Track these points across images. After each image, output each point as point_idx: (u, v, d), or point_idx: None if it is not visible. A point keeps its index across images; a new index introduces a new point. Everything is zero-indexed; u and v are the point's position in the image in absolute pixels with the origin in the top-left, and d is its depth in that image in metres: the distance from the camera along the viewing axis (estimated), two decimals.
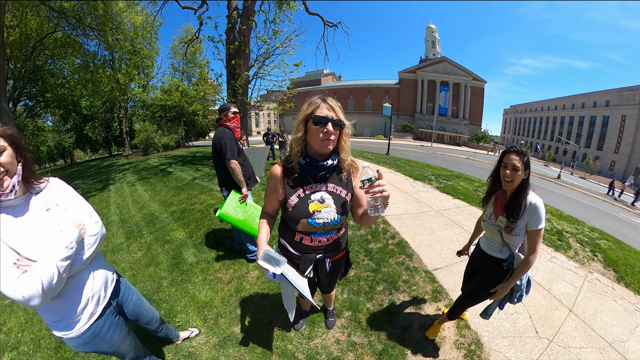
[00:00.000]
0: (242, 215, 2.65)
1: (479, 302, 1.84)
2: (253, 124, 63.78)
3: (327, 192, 1.30)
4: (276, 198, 1.36)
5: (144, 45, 15.89)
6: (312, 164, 1.24)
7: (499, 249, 1.68)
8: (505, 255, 1.66)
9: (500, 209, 1.61)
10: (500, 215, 1.60)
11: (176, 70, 21.42)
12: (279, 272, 1.23)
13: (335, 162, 1.27)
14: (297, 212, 1.28)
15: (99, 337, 1.19)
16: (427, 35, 62.58)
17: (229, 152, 2.55)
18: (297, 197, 1.28)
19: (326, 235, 1.37)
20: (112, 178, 9.20)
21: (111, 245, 3.78)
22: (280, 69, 8.27)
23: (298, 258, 1.43)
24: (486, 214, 1.72)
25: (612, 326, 2.39)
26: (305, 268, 1.41)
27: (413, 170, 8.53)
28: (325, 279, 1.58)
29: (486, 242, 1.78)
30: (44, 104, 18.39)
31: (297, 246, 1.42)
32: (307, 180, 1.29)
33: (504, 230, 1.57)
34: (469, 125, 54.60)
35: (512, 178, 1.48)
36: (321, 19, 9.61)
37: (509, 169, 1.48)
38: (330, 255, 1.49)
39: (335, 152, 1.29)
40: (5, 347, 2.12)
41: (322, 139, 1.18)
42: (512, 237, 1.56)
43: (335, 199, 1.30)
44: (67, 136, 23.65)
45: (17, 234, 0.96)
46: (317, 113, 1.18)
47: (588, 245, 4.00)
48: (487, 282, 1.74)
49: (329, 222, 1.30)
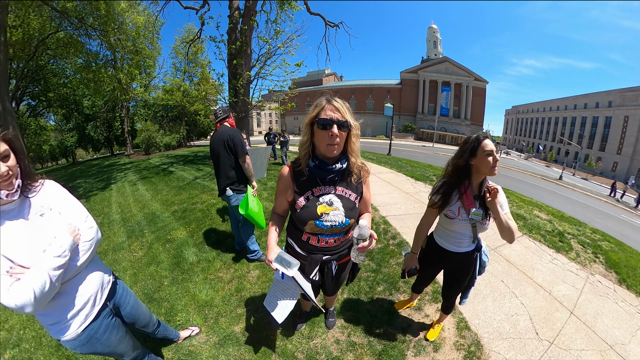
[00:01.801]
0: (257, 208, 2.62)
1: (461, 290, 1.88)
2: (254, 124, 63.86)
3: (336, 195, 1.30)
4: (285, 199, 1.37)
5: (145, 45, 15.91)
6: (320, 166, 1.23)
7: (469, 243, 1.63)
8: (474, 246, 1.65)
9: (471, 201, 1.52)
10: (472, 207, 1.51)
11: (178, 70, 21.46)
12: (291, 274, 1.24)
13: (344, 166, 1.25)
14: (305, 214, 1.28)
15: (95, 339, 1.18)
16: (429, 36, 62.43)
17: (244, 147, 2.59)
18: (305, 199, 1.28)
19: (333, 237, 1.36)
20: (114, 177, 9.24)
21: (112, 244, 3.79)
22: (282, 69, 8.30)
23: (304, 258, 1.43)
24: (451, 211, 1.57)
25: (613, 328, 2.37)
26: (311, 270, 1.41)
27: (414, 171, 8.52)
28: (331, 281, 1.55)
29: (452, 240, 1.66)
30: (47, 103, 18.49)
31: (304, 246, 1.42)
32: (316, 183, 1.29)
33: (481, 222, 1.51)
34: (470, 126, 54.40)
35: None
36: (322, 19, 9.61)
37: (494, 154, 1.41)
38: (337, 258, 1.47)
39: (344, 154, 1.26)
40: (6, 345, 2.13)
41: (327, 143, 1.15)
42: (486, 226, 1.53)
43: (343, 202, 1.30)
44: (69, 135, 23.79)
45: (11, 241, 0.95)
46: (322, 115, 1.14)
47: (590, 246, 3.98)
48: (465, 274, 1.76)
49: (336, 224, 1.30)
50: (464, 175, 1.53)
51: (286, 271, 1.24)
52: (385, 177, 7.39)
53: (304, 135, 1.24)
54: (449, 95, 54.15)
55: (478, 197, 1.52)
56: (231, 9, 7.67)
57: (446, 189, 1.57)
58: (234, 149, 2.58)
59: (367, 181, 1.41)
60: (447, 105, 54.60)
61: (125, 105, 20.61)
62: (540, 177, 23.99)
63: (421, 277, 2.03)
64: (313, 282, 1.47)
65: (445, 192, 1.57)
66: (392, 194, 5.73)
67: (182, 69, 20.93)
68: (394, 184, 6.68)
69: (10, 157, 0.96)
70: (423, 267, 1.90)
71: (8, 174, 0.94)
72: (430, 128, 51.98)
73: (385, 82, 58.09)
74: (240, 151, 2.59)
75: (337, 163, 1.24)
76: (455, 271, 1.81)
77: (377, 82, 59.31)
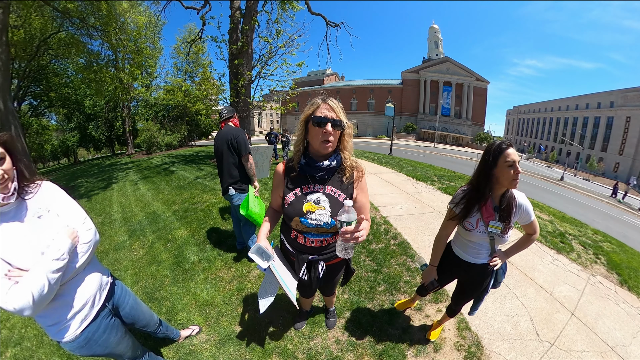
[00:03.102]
0: (257, 208, 2.63)
1: (472, 298, 1.84)
2: (256, 124, 63.89)
3: (325, 194, 1.30)
4: (279, 194, 1.40)
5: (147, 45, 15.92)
6: (310, 163, 1.26)
7: (486, 255, 1.58)
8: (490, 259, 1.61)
9: (491, 213, 1.46)
10: (491, 220, 1.45)
11: (179, 70, 21.51)
12: (265, 266, 1.30)
13: (334, 164, 1.27)
14: (291, 210, 1.30)
15: (93, 341, 1.18)
16: (430, 36, 62.37)
17: (247, 147, 2.62)
18: (293, 195, 1.31)
19: (319, 237, 1.36)
20: (115, 177, 9.25)
21: (114, 243, 3.80)
22: (283, 69, 8.30)
23: (294, 255, 1.46)
24: (470, 224, 1.51)
25: (614, 330, 2.37)
26: (300, 268, 1.44)
27: (415, 171, 8.51)
28: (317, 282, 1.53)
29: (469, 251, 1.62)
30: (48, 103, 18.53)
31: (292, 243, 1.44)
32: (306, 180, 1.31)
33: (500, 235, 1.46)
34: (471, 126, 54.34)
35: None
36: (324, 19, 9.61)
37: (516, 166, 1.31)
38: (325, 259, 1.46)
39: (336, 152, 1.29)
40: (8, 343, 2.15)
41: (321, 139, 1.19)
42: (506, 238, 1.48)
43: (331, 201, 1.29)
44: (70, 135, 23.89)
45: (8, 243, 0.94)
46: (317, 113, 1.19)
47: (591, 247, 3.97)
48: (479, 286, 1.71)
49: (321, 224, 1.29)
50: (487, 187, 1.42)
51: (261, 263, 1.30)
52: (386, 177, 7.38)
53: (298, 133, 1.28)
54: (450, 95, 54.07)
55: (498, 209, 1.44)
56: (232, 9, 7.69)
57: (467, 201, 1.48)
58: (238, 148, 2.61)
59: (361, 184, 1.35)
60: (448, 106, 54.53)
61: (127, 105, 20.63)
62: (542, 177, 23.93)
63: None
64: (302, 282, 1.51)
65: (467, 204, 1.48)
66: (393, 194, 5.73)
67: (183, 68, 21.00)
68: (395, 184, 6.68)
69: (6, 160, 0.95)
70: (437, 274, 1.85)
71: (3, 177, 0.93)
72: (432, 128, 51.92)
73: (386, 82, 58.08)
74: (244, 150, 2.62)
75: (326, 160, 1.25)
76: (468, 281, 1.76)
77: (378, 82, 59.29)
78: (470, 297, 1.82)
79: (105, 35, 10.89)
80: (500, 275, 1.68)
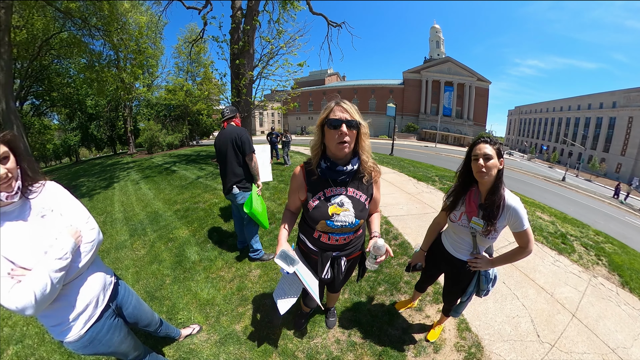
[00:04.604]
0: (260, 208, 2.64)
1: (457, 298, 1.84)
2: (257, 124, 63.98)
3: (347, 196, 1.33)
4: (298, 197, 1.42)
5: (148, 45, 15.98)
6: (332, 168, 1.28)
7: (467, 252, 1.59)
8: (471, 258, 1.60)
9: (474, 209, 1.46)
10: (474, 216, 1.45)
11: (180, 70, 21.54)
12: (292, 271, 1.29)
13: (355, 167, 1.30)
14: (317, 213, 1.33)
15: (97, 340, 1.18)
16: (432, 35, 62.29)
17: (252, 146, 2.64)
18: (317, 199, 1.33)
19: (343, 235, 1.41)
20: (117, 176, 9.29)
21: (115, 242, 3.82)
22: (284, 69, 8.28)
23: (315, 254, 1.49)
24: (454, 215, 1.57)
25: (615, 332, 2.36)
26: (324, 267, 1.47)
27: (417, 171, 8.50)
28: (340, 277, 1.58)
29: (452, 243, 1.66)
30: (50, 102, 18.65)
31: (315, 243, 1.47)
32: (328, 184, 1.33)
33: (481, 234, 1.45)
34: (473, 126, 54.21)
35: (488, 169, 1.31)
36: (325, 19, 9.60)
37: (481, 158, 1.32)
38: (345, 254, 1.52)
39: (356, 154, 1.30)
40: (10, 340, 2.16)
41: (337, 141, 1.19)
42: (488, 239, 1.46)
43: (354, 203, 1.33)
44: (72, 134, 24.01)
45: (12, 242, 0.94)
46: (331, 116, 1.20)
47: (592, 249, 3.95)
48: (458, 283, 1.73)
49: (346, 224, 1.34)
50: (468, 181, 1.49)
51: (287, 268, 1.29)
52: (387, 178, 7.37)
53: (315, 137, 1.30)
54: (451, 95, 53.97)
55: (483, 206, 1.43)
56: (233, 9, 7.69)
57: (455, 192, 1.57)
58: (242, 147, 2.62)
59: (378, 182, 1.44)
60: (449, 106, 54.42)
61: (128, 104, 20.67)
62: (543, 178, 23.85)
63: (424, 274, 2.04)
64: (323, 280, 1.53)
65: (454, 194, 1.57)
66: (394, 194, 5.73)
67: (184, 68, 21.02)
68: (396, 184, 6.67)
69: (10, 158, 0.96)
70: (427, 265, 1.92)
71: (7, 176, 0.93)
72: (433, 128, 51.82)
73: (387, 82, 58.02)
74: (248, 149, 2.64)
75: (348, 164, 1.28)
76: (450, 274, 1.80)
77: (379, 82, 59.26)
78: (454, 294, 1.82)
79: (107, 35, 10.93)
80: (484, 282, 1.64)
